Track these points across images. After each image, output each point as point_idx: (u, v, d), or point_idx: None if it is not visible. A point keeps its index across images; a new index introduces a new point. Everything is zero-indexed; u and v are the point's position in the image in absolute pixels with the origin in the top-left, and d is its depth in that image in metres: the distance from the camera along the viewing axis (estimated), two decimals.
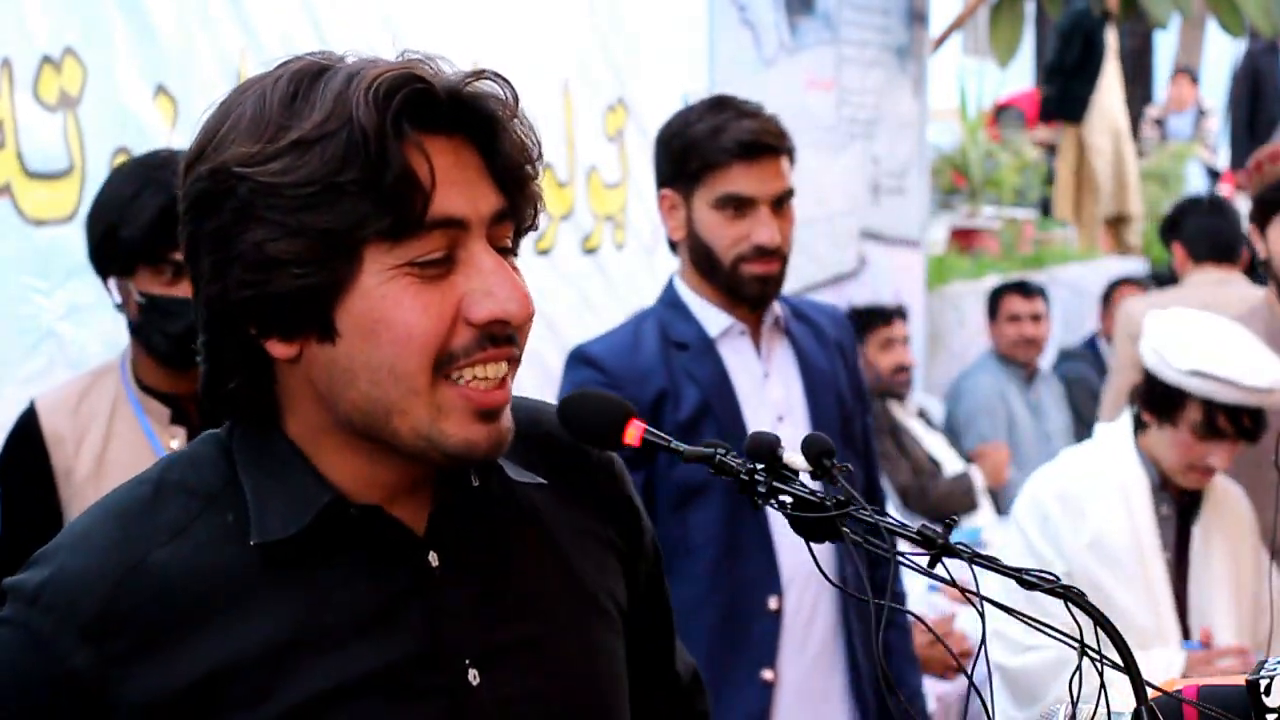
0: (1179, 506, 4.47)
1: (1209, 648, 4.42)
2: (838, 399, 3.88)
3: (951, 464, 7.56)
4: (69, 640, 1.67)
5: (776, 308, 3.85)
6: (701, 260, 3.78)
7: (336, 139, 1.64)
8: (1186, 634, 4.47)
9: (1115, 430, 4.49)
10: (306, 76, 1.68)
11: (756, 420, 3.76)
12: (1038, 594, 1.72)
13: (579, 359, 3.81)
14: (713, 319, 3.81)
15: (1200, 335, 4.30)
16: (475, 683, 1.74)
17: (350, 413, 1.70)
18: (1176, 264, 7.43)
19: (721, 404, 3.75)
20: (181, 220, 1.72)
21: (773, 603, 3.74)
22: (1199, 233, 7.40)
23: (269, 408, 1.75)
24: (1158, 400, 4.32)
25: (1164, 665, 4.26)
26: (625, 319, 3.94)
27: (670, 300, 3.85)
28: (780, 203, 3.72)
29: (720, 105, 3.79)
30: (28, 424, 3.69)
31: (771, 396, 3.83)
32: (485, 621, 1.76)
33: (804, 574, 3.76)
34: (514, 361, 1.75)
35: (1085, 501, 4.41)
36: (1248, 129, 11.86)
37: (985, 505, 7.61)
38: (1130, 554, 4.39)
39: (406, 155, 1.65)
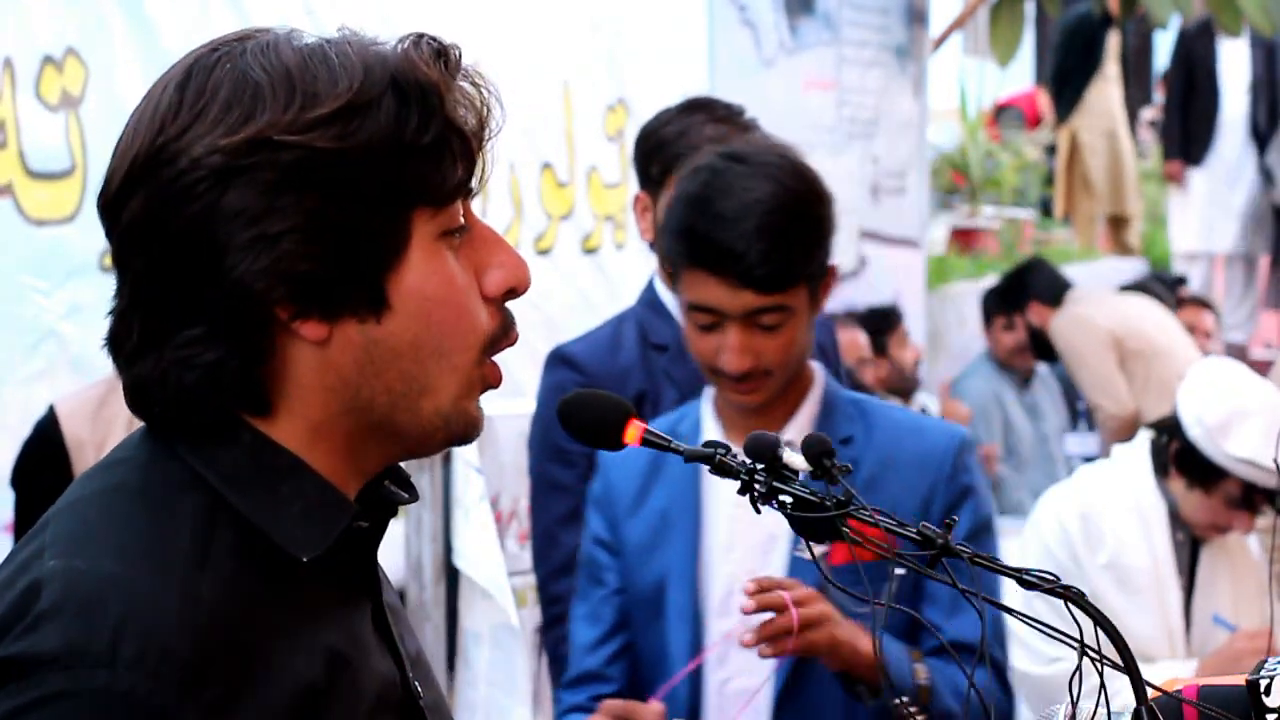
0: (1192, 533, 4.49)
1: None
2: None
3: None
4: (171, 697, 1.47)
5: None
6: (665, 263, 3.78)
7: (387, 101, 1.57)
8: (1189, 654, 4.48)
9: (1133, 455, 4.49)
10: (301, 43, 1.61)
11: None
12: (1056, 602, 1.72)
13: (557, 359, 3.79)
14: None
15: (1248, 414, 4.29)
16: (420, 694, 1.72)
17: (377, 395, 1.60)
18: (1035, 319, 8.09)
19: None
20: (166, 204, 1.55)
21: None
22: (1048, 284, 8.39)
23: (260, 405, 1.60)
24: (1196, 469, 4.34)
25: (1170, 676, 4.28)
26: (606, 320, 3.93)
27: (649, 301, 3.82)
28: None
29: (693, 108, 3.78)
30: (47, 429, 3.66)
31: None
32: (399, 635, 1.74)
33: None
34: None
35: (1104, 522, 4.42)
36: (1181, 120, 11.71)
37: None
38: (1147, 578, 4.41)
39: (458, 115, 1.61)
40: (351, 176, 1.56)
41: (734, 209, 2.83)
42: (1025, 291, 8.37)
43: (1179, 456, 4.37)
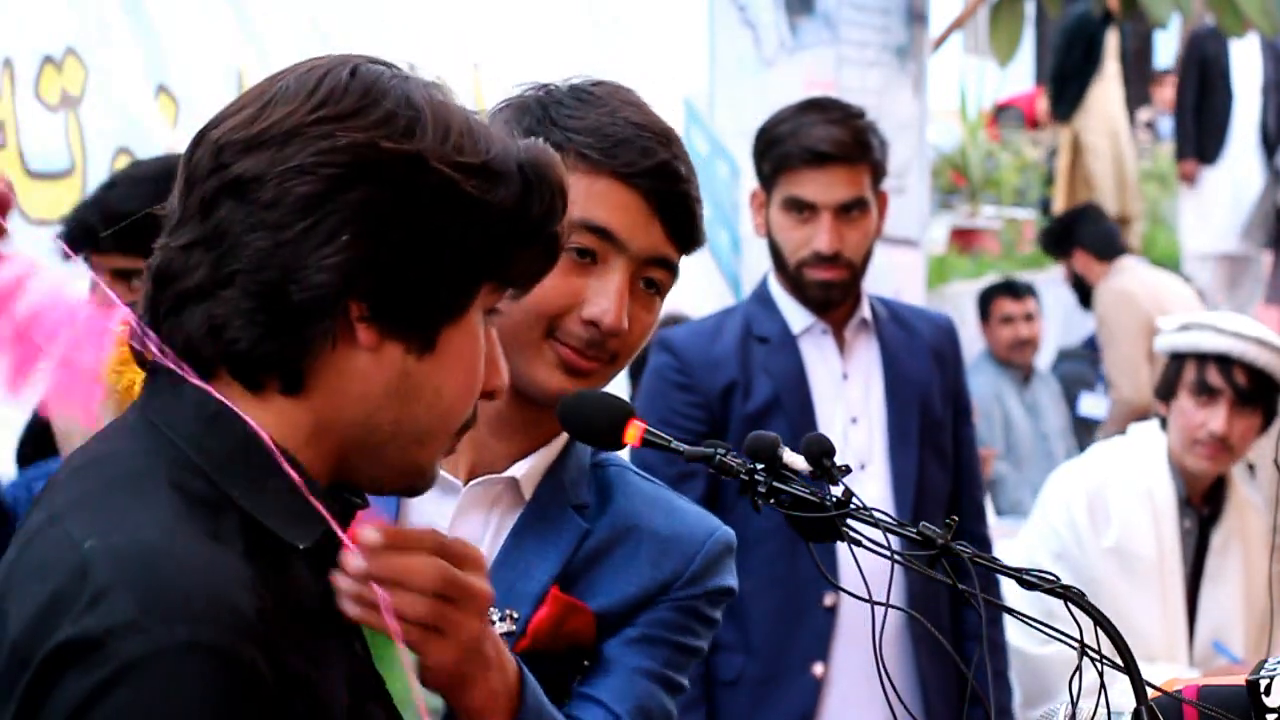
0: (1200, 519, 4.48)
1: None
2: (922, 406, 3.88)
3: None
4: (249, 650, 1.52)
5: (866, 309, 3.88)
6: (775, 259, 3.87)
7: (514, 180, 1.69)
8: (1194, 645, 4.47)
9: (1148, 435, 4.50)
10: (454, 101, 1.71)
11: (829, 420, 3.79)
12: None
13: (659, 344, 3.88)
14: (797, 316, 3.86)
15: (1206, 313, 4.48)
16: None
17: (384, 423, 1.67)
18: (1079, 268, 8.12)
19: (792, 400, 3.78)
20: (298, 169, 1.62)
21: (828, 599, 3.75)
22: (1099, 236, 8.49)
23: (290, 383, 1.65)
24: (1165, 379, 4.40)
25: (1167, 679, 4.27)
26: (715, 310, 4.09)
27: (760, 295, 3.92)
28: (848, 210, 3.75)
29: (810, 107, 3.87)
30: (40, 415, 3.74)
31: (849, 397, 3.86)
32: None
33: (866, 574, 3.74)
34: None
35: (1112, 505, 4.42)
36: (1195, 118, 11.71)
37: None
38: (1151, 565, 4.41)
39: (562, 215, 1.74)
40: (470, 226, 1.66)
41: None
42: (1073, 238, 8.49)
43: (1156, 387, 4.48)
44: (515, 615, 2.17)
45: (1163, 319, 4.57)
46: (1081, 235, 8.53)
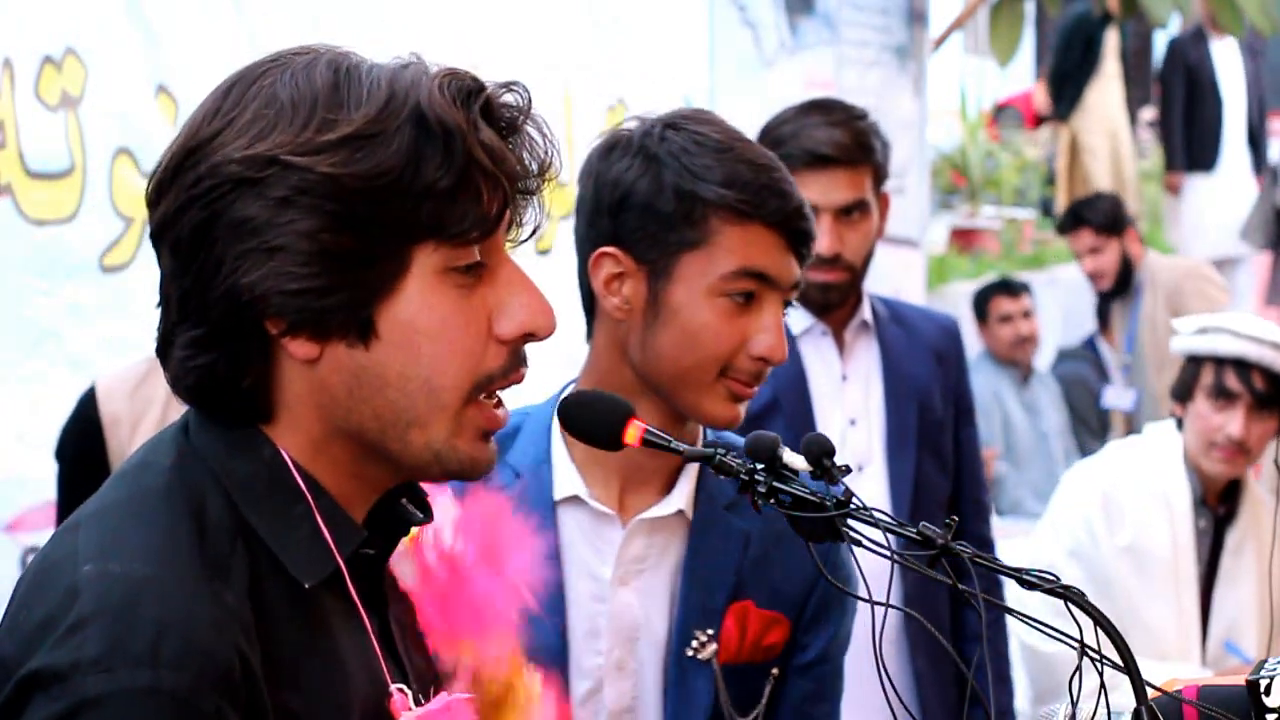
0: (1215, 519, 4.48)
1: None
2: (921, 407, 3.85)
3: None
4: (213, 699, 1.50)
5: (866, 311, 3.87)
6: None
7: (402, 134, 1.58)
8: (1206, 644, 4.47)
9: (1164, 435, 4.50)
10: (343, 66, 1.62)
11: (827, 422, 3.76)
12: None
13: None
14: (796, 317, 3.82)
15: (1223, 316, 4.48)
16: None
17: (366, 421, 1.62)
18: (1131, 247, 8.32)
19: (791, 402, 3.76)
20: (183, 206, 1.59)
21: None
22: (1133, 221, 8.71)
23: (260, 414, 1.63)
24: (1181, 382, 4.40)
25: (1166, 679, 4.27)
26: None
27: None
28: (848, 213, 3.72)
29: (812, 108, 3.84)
30: (86, 406, 3.74)
31: (848, 399, 3.84)
32: (404, 650, 1.74)
33: (867, 574, 3.73)
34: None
35: (1127, 504, 4.43)
36: (1184, 126, 11.70)
37: None
38: (1165, 566, 4.40)
39: (484, 157, 1.61)
40: (350, 203, 1.58)
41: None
42: (1126, 219, 8.70)
43: (1172, 389, 4.47)
44: (712, 632, 2.47)
45: (1178, 321, 4.56)
46: (1132, 218, 8.86)
